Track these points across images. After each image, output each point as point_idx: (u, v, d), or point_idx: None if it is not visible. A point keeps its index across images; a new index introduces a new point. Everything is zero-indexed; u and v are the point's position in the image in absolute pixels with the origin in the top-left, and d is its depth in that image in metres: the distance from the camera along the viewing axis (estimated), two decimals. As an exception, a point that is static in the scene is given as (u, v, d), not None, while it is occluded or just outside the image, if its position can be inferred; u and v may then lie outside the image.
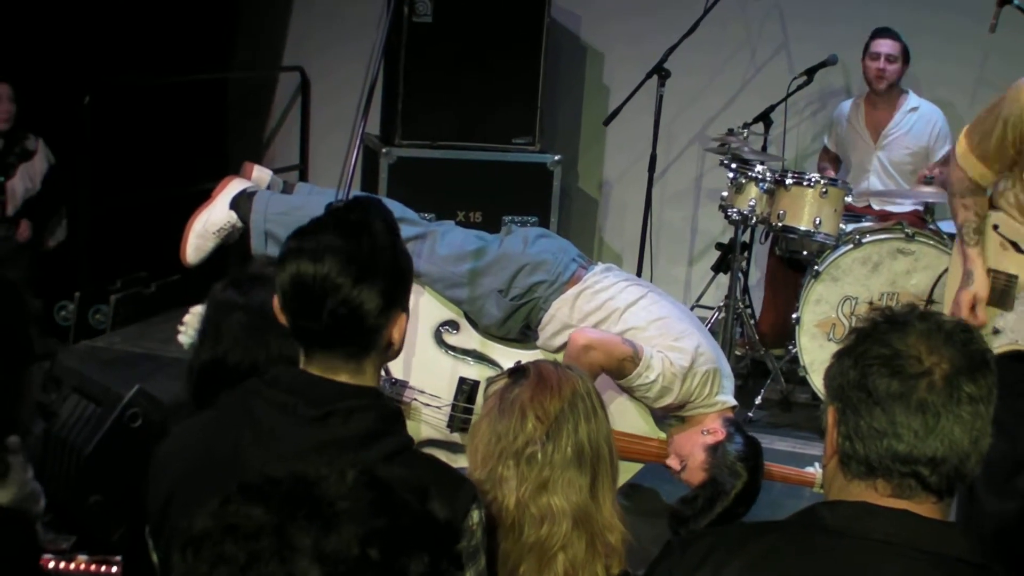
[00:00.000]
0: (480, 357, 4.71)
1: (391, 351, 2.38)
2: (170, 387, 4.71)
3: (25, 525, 2.40)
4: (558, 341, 4.53)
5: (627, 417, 4.59)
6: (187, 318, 3.43)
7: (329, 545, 1.31)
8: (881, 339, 1.94)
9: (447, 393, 4.66)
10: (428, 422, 4.65)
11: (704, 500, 4.37)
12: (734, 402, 4.56)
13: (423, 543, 1.36)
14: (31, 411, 2.71)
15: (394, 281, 2.32)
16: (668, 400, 4.39)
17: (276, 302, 2.34)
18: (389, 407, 2.35)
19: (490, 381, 2.71)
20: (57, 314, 6.53)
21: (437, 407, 4.63)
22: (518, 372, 2.64)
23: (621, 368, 4.34)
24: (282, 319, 2.34)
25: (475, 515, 2.27)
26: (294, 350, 2.49)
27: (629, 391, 4.46)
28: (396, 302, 2.32)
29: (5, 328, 2.42)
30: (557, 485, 2.52)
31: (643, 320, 4.46)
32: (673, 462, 4.50)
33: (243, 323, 2.74)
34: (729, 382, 4.54)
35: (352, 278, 2.23)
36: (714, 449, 4.38)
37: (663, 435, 4.65)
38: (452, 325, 4.71)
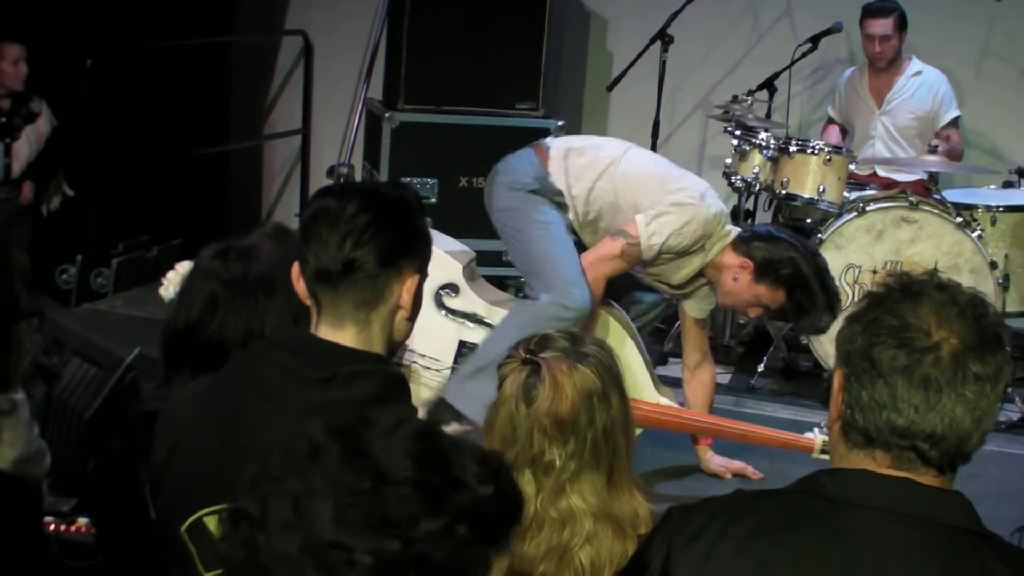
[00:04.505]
0: (480, 321, 4.73)
1: (399, 316, 2.39)
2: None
3: (26, 488, 2.40)
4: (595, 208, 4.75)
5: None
6: (171, 274, 3.43)
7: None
8: (893, 308, 1.92)
9: (447, 357, 4.67)
10: (428, 385, 4.66)
11: (793, 304, 4.63)
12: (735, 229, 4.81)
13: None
14: (20, 368, 2.69)
15: (410, 237, 2.40)
16: (688, 242, 4.62)
17: (294, 268, 2.39)
18: (395, 374, 2.36)
19: (501, 365, 2.65)
20: (59, 277, 6.50)
21: (437, 370, 4.64)
22: (532, 368, 2.57)
23: (631, 256, 4.59)
24: (299, 287, 2.38)
25: None
26: (273, 325, 2.57)
27: (664, 273, 4.74)
28: (408, 257, 2.38)
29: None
30: (575, 487, 2.50)
31: (639, 167, 4.75)
32: (751, 313, 4.79)
33: (219, 297, 2.71)
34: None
35: (370, 218, 2.31)
36: (758, 273, 4.61)
37: (664, 400, 4.67)
38: (452, 288, 4.72)
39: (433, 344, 4.66)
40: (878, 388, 1.88)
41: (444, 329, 4.71)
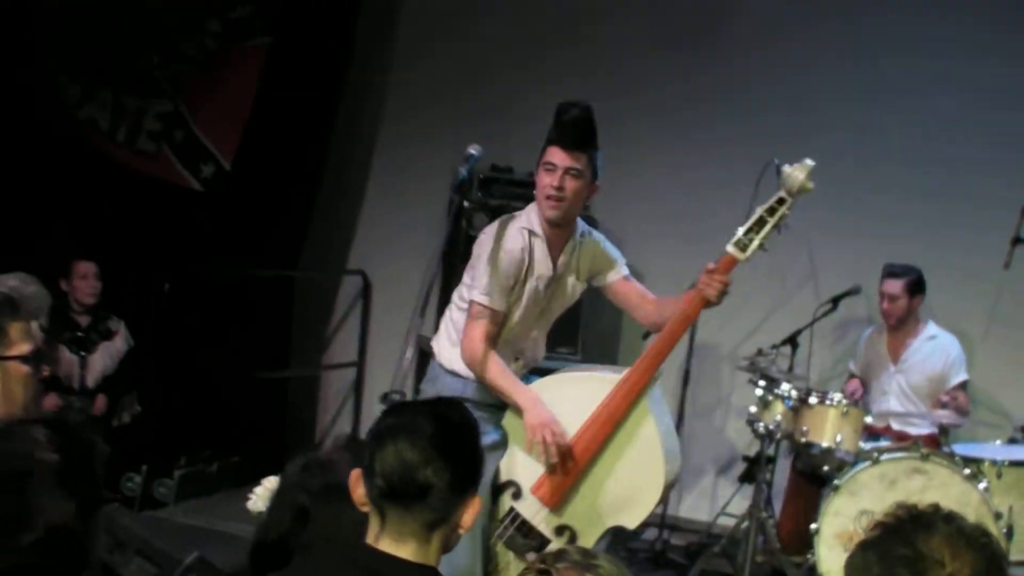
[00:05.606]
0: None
1: (456, 533, 2.57)
2: (228, 558, 5.00)
3: None
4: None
5: None
6: (258, 489, 3.57)
7: None
8: (906, 538, 1.98)
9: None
10: None
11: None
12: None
13: None
14: (97, 556, 2.95)
15: (477, 462, 2.61)
16: (510, 250, 4.66)
17: (353, 474, 2.56)
18: None
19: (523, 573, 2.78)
20: (124, 485, 6.75)
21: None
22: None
23: (483, 313, 4.68)
24: (356, 493, 2.54)
25: None
26: (348, 533, 2.68)
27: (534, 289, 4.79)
28: (472, 484, 2.57)
29: (84, 477, 2.77)
30: None
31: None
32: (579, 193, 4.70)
33: (308, 508, 2.82)
34: None
35: (445, 445, 2.50)
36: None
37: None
38: None
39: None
40: None
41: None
